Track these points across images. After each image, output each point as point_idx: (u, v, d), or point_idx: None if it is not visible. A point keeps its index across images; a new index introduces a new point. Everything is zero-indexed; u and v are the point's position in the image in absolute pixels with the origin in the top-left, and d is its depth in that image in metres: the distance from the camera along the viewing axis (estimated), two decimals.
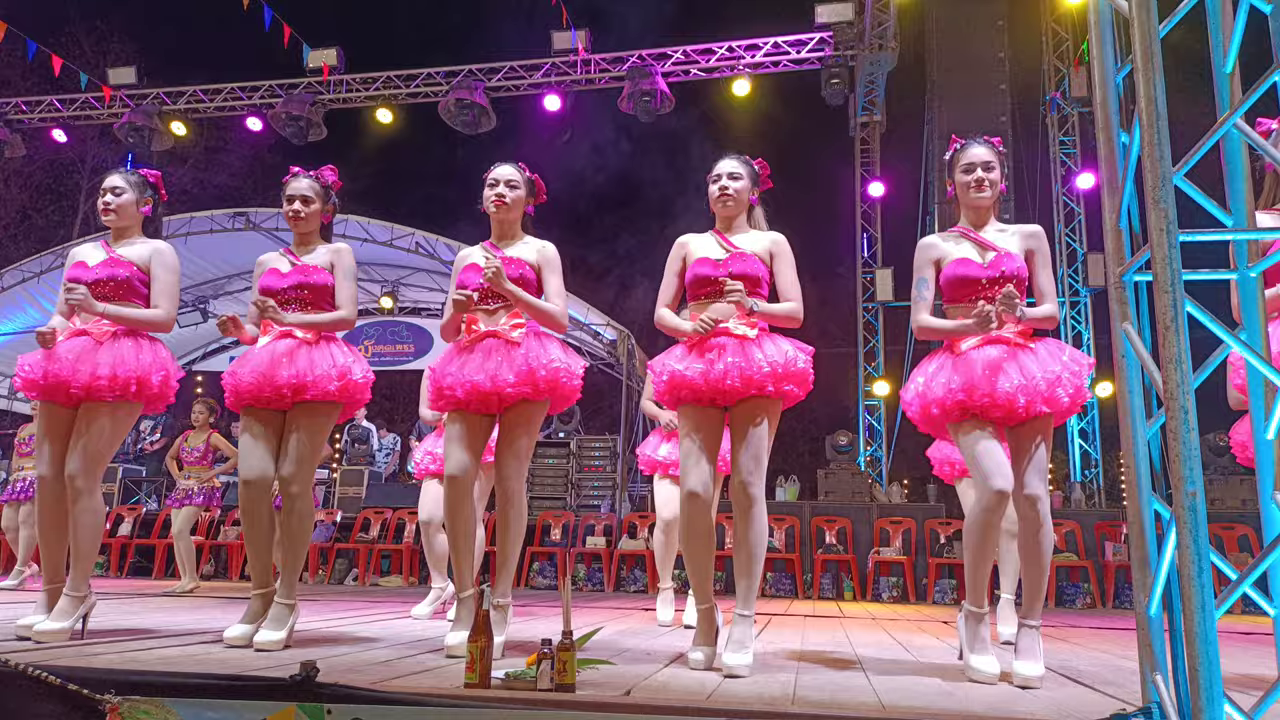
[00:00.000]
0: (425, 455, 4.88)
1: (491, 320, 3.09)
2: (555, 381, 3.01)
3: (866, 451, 11.91)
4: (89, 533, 3.08)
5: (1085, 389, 2.74)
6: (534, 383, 2.97)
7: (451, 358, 3.09)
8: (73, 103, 13.22)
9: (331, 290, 3.29)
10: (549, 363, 3.00)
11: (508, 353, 3.00)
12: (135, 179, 3.40)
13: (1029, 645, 2.62)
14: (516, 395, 2.97)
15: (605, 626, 4.18)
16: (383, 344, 13.95)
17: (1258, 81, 1.63)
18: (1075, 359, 2.74)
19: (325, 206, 3.39)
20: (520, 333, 3.05)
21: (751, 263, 2.96)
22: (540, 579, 8.85)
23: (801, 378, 2.88)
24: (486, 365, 2.98)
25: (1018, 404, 2.65)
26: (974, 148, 2.94)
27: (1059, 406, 2.68)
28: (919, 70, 11.70)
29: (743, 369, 2.79)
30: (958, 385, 2.73)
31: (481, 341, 3.06)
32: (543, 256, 3.20)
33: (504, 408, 3.02)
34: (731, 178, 3.04)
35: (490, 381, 2.95)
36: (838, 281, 13.91)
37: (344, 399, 3.20)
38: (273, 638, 2.92)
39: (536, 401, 3.03)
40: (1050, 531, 2.66)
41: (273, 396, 3.11)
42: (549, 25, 11.75)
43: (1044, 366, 2.70)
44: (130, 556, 9.37)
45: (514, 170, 3.24)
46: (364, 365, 3.28)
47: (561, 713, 1.94)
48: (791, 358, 2.86)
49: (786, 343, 2.92)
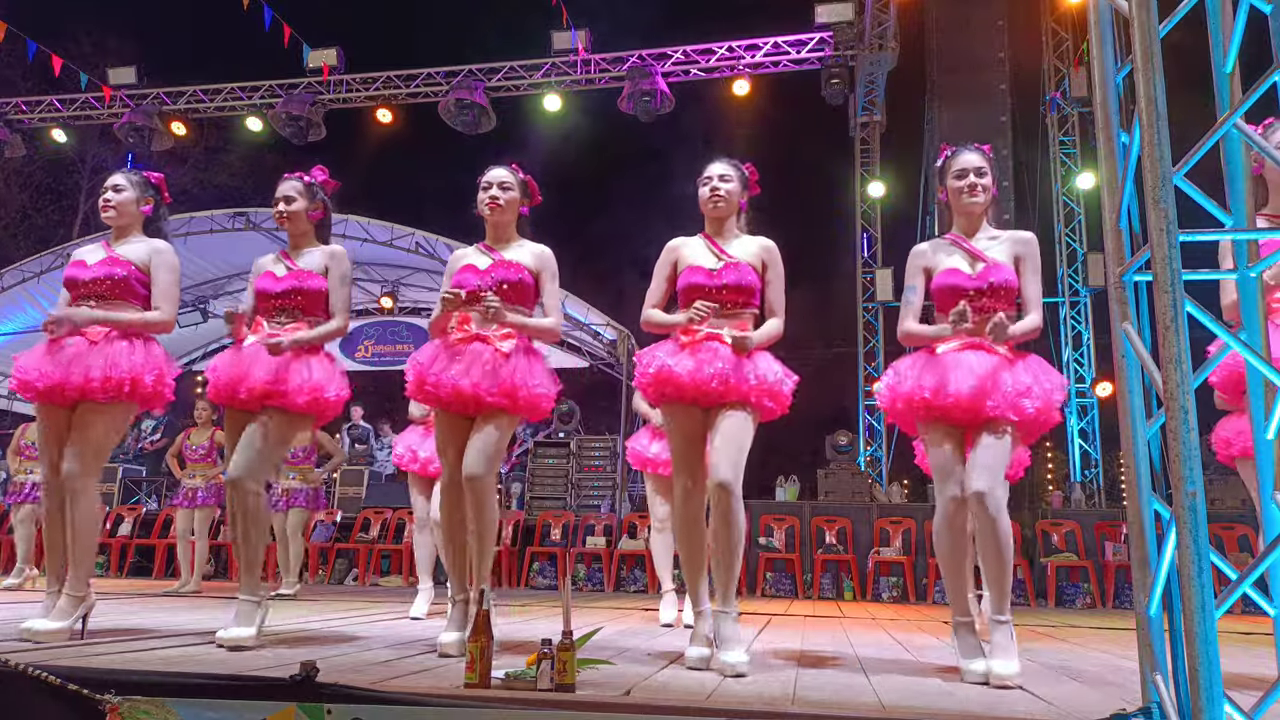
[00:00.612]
0: (406, 450, 4.90)
1: (483, 323, 3.08)
2: (535, 402, 3.04)
3: (866, 451, 11.91)
4: (87, 533, 3.09)
5: (1055, 410, 2.73)
6: (515, 399, 2.99)
7: (438, 353, 3.09)
8: (73, 103, 13.22)
9: (325, 296, 3.28)
10: (534, 385, 3.03)
11: (495, 363, 3.00)
12: (137, 179, 3.40)
13: (1002, 641, 2.62)
14: (495, 405, 2.98)
15: (605, 626, 4.18)
16: (383, 344, 13.95)
17: (1258, 81, 1.63)
18: (1051, 378, 2.75)
19: (312, 205, 3.38)
20: (510, 344, 3.05)
21: (745, 272, 2.96)
22: (540, 579, 8.85)
23: (782, 399, 2.92)
24: (472, 371, 2.98)
25: (985, 406, 2.66)
26: (965, 154, 2.94)
27: (1024, 415, 2.66)
28: (919, 70, 11.69)
29: (729, 377, 2.81)
30: (929, 384, 2.74)
31: (471, 344, 3.05)
32: (542, 262, 3.20)
33: (479, 412, 3.02)
34: (722, 179, 3.04)
35: (472, 388, 2.96)
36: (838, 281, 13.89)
37: (313, 412, 3.19)
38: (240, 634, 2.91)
39: (512, 414, 3.05)
40: (1004, 526, 2.61)
41: (245, 399, 3.12)
42: (549, 25, 11.76)
43: (1017, 377, 2.70)
44: (130, 556, 9.37)
45: (507, 172, 3.24)
46: (339, 383, 3.25)
47: (561, 713, 1.94)
48: (778, 379, 2.90)
49: (776, 364, 2.96)
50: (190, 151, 19.04)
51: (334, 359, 3.34)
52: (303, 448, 6.75)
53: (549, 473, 10.23)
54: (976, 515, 2.65)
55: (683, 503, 2.87)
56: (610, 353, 12.39)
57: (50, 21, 18.98)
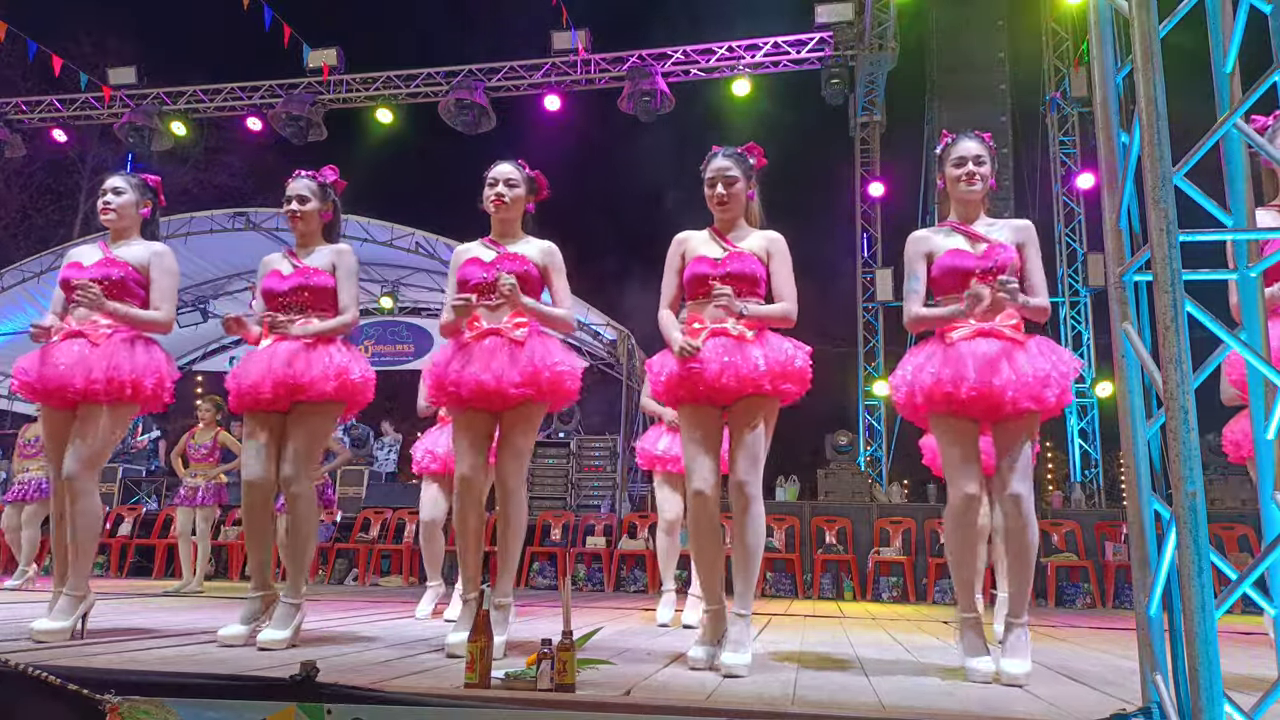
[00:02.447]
0: (425, 454, 4.88)
1: (494, 317, 3.07)
2: (559, 383, 3.02)
3: (866, 451, 11.91)
4: (87, 532, 3.09)
5: (1070, 391, 2.72)
6: (539, 384, 2.97)
7: (454, 354, 3.08)
8: (73, 103, 13.22)
9: (333, 292, 3.28)
10: (554, 364, 3.01)
11: (512, 352, 2.99)
12: (136, 181, 3.41)
13: (1016, 643, 2.63)
14: (520, 396, 2.96)
15: (605, 626, 4.18)
16: (383, 344, 13.95)
17: (1258, 81, 1.63)
18: (1064, 360, 2.73)
19: (324, 205, 3.39)
20: (523, 332, 3.04)
21: (749, 262, 2.94)
22: (540, 579, 8.85)
23: (799, 376, 2.86)
24: (492, 364, 2.97)
25: (1005, 399, 2.63)
26: (965, 141, 2.93)
27: (1046, 405, 2.65)
28: (919, 70, 11.71)
29: (739, 368, 2.78)
30: (947, 377, 2.70)
31: (484, 339, 3.04)
32: (549, 258, 3.20)
33: (506, 407, 3.02)
34: (727, 182, 3.01)
35: (495, 381, 2.94)
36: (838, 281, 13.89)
37: (342, 398, 3.19)
38: (277, 636, 2.92)
39: (538, 402, 3.03)
40: (1034, 530, 2.64)
41: (271, 398, 3.11)
42: (549, 25, 11.76)
43: (1035, 364, 2.67)
44: (130, 556, 9.37)
45: (513, 168, 3.23)
46: (363, 364, 3.27)
47: (561, 713, 1.94)
48: (790, 356, 2.85)
49: (786, 342, 2.91)
50: (190, 151, 19.04)
51: (352, 346, 3.34)
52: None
53: (549, 473, 10.23)
54: (1010, 518, 2.64)
55: (697, 503, 2.83)
56: (610, 353, 12.39)
57: (50, 21, 18.99)
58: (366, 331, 13.87)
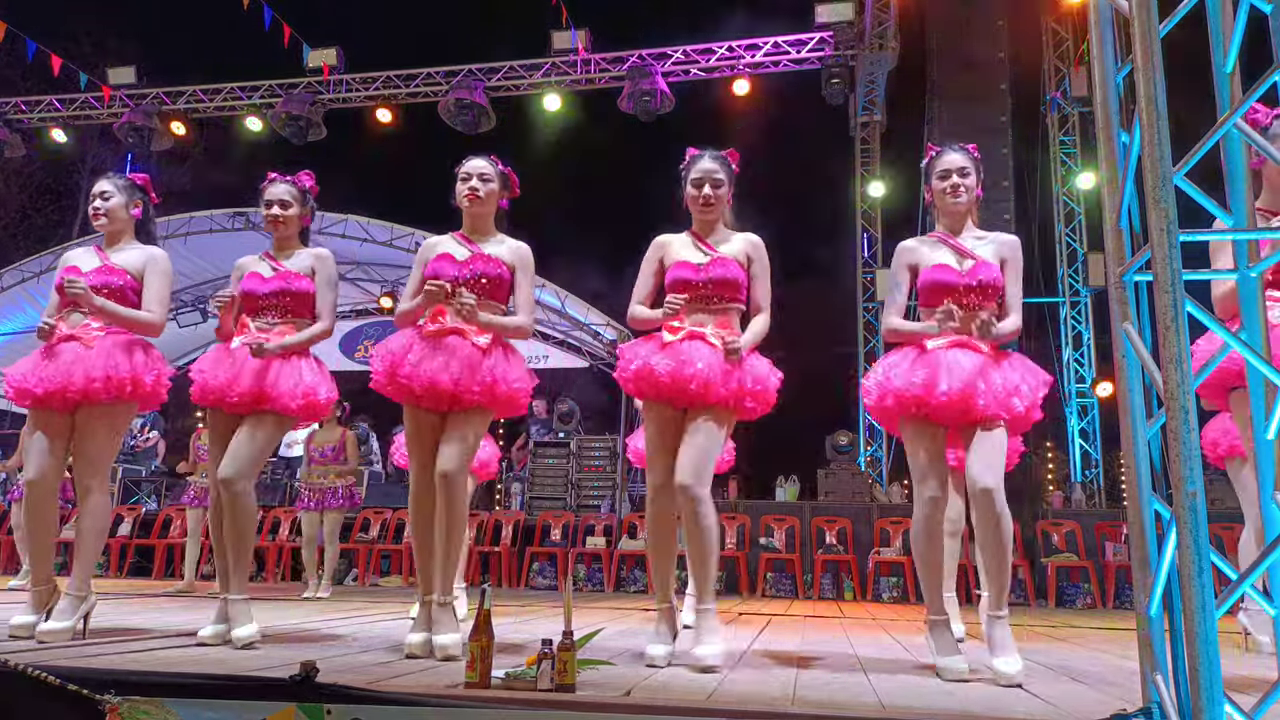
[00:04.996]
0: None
1: (459, 316, 3.01)
2: (514, 399, 3.04)
3: (866, 451, 11.91)
4: (94, 533, 3.10)
5: (1039, 407, 2.78)
6: (494, 396, 2.98)
7: (412, 344, 3.01)
8: (73, 103, 13.20)
9: (313, 298, 3.30)
10: (513, 381, 3.02)
11: (474, 359, 2.97)
12: (123, 182, 3.40)
13: (1001, 638, 2.63)
14: (473, 402, 2.96)
15: (606, 627, 4.18)
16: None
17: (1258, 81, 1.63)
18: (1036, 375, 2.80)
19: (304, 210, 3.42)
20: (487, 339, 3.02)
21: (731, 267, 2.97)
22: (540, 579, 8.84)
23: (765, 398, 2.92)
24: (451, 366, 2.93)
25: (976, 406, 2.68)
26: (950, 154, 2.96)
27: (1014, 413, 2.71)
28: (919, 70, 11.67)
29: (708, 379, 2.80)
30: (919, 380, 2.75)
31: (447, 338, 3.00)
32: (520, 259, 3.17)
33: (455, 409, 2.99)
34: (714, 185, 3.02)
35: (452, 385, 2.91)
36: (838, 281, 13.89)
37: (304, 416, 3.23)
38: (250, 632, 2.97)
39: (489, 409, 3.04)
40: (1008, 522, 2.65)
41: (235, 404, 3.12)
42: (549, 25, 11.76)
43: (1006, 376, 2.74)
44: (130, 556, 9.37)
45: (486, 163, 3.20)
46: (329, 385, 3.28)
47: (561, 713, 1.94)
48: (762, 377, 2.91)
49: (763, 364, 2.96)
50: (190, 151, 19.04)
51: (321, 361, 3.36)
52: (331, 446, 6.60)
53: (549, 473, 10.22)
54: (982, 511, 2.66)
55: (652, 499, 2.91)
56: (610, 353, 12.38)
57: (50, 21, 18.97)
58: (366, 331, 13.86)
